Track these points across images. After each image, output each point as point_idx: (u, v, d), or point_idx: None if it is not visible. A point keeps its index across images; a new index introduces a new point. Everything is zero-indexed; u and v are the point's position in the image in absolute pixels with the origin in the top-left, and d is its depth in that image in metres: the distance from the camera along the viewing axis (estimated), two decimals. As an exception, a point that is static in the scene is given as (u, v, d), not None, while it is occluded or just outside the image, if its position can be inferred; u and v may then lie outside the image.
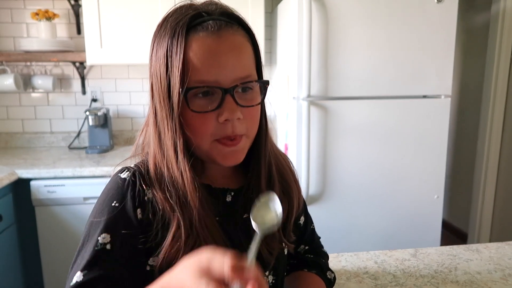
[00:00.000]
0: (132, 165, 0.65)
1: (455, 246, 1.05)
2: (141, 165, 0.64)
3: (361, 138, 1.88)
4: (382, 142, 1.90)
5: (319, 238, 0.86)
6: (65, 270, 1.83)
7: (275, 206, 0.58)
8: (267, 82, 0.62)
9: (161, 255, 0.58)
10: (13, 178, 1.74)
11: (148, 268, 0.60)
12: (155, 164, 0.62)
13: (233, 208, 0.67)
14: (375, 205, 1.94)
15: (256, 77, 0.62)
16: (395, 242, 1.96)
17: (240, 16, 0.62)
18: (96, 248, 0.56)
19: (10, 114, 2.33)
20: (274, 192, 0.61)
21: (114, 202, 0.59)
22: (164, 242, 0.58)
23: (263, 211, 0.58)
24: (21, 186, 1.79)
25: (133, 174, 0.61)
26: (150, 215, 0.59)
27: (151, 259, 0.60)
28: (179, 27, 0.56)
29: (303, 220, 0.80)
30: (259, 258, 0.66)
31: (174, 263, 0.57)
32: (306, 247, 0.82)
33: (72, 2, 2.22)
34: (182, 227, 0.58)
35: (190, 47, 0.56)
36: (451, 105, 1.94)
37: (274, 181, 0.68)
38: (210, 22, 0.57)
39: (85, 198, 1.82)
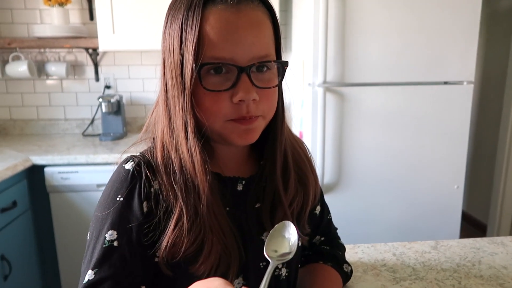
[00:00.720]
0: (138, 153, 0.62)
1: (478, 239, 1.00)
2: (146, 152, 0.61)
3: (378, 126, 1.82)
4: (401, 130, 1.84)
5: (336, 229, 0.82)
6: (79, 255, 1.84)
7: (290, 234, 0.56)
8: (286, 63, 0.58)
9: (163, 245, 0.55)
10: (27, 165, 1.75)
11: (156, 259, 0.58)
12: (162, 146, 0.58)
13: (244, 197, 0.64)
14: (392, 195, 1.89)
15: (274, 58, 0.58)
16: (413, 233, 1.91)
17: None
18: (104, 245, 0.55)
19: (25, 101, 2.34)
20: (289, 221, 0.57)
21: (119, 196, 0.57)
22: (166, 231, 0.55)
23: (276, 239, 0.56)
24: (36, 173, 1.80)
25: (138, 164, 0.58)
26: (156, 206, 0.57)
27: (157, 251, 0.57)
28: None
29: (319, 210, 0.76)
30: None
31: (178, 254, 0.55)
32: (322, 238, 0.79)
33: (85, -12, 2.19)
34: (185, 216, 0.55)
35: (207, 20, 0.52)
36: (473, 92, 1.86)
37: (289, 170, 0.64)
38: None
39: (98, 185, 1.82)
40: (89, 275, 0.54)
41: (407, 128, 1.84)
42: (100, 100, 2.15)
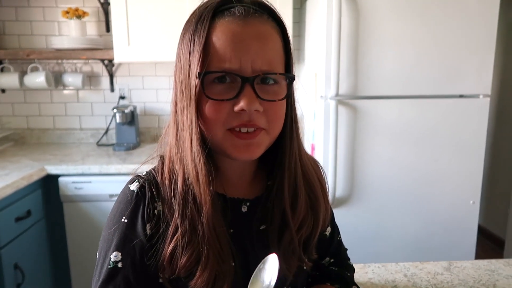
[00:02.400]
0: (144, 173, 0.62)
1: (493, 260, 0.97)
2: (154, 171, 0.61)
3: (392, 140, 1.80)
4: (415, 144, 1.81)
5: (346, 250, 0.80)
6: (91, 265, 1.85)
7: (271, 267, 0.55)
8: (292, 77, 0.57)
9: (162, 259, 0.56)
10: (42, 174, 1.78)
11: (160, 280, 0.58)
12: (169, 160, 0.59)
13: (249, 219, 0.63)
14: (406, 210, 1.85)
15: (282, 71, 0.57)
16: (426, 250, 1.86)
17: (272, 7, 0.57)
18: (109, 267, 0.57)
19: (42, 110, 2.39)
20: (274, 254, 0.56)
21: (124, 218, 0.58)
22: (162, 246, 0.56)
23: (257, 278, 0.55)
24: (50, 182, 1.83)
25: (142, 185, 0.59)
26: (158, 227, 0.57)
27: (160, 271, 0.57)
28: (206, 11, 0.54)
29: (329, 231, 0.74)
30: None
31: (177, 268, 0.56)
32: (332, 260, 0.77)
33: (102, 0, 2.24)
34: (181, 229, 0.55)
35: (214, 31, 0.53)
36: (490, 105, 1.82)
37: (299, 191, 0.62)
38: (238, 7, 0.54)
39: (111, 195, 1.83)
40: None
41: (422, 142, 1.81)
42: (115, 110, 2.18)
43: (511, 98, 2.88)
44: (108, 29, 2.31)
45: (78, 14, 2.16)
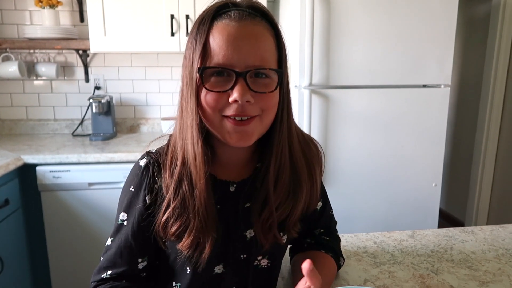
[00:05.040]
0: (154, 150, 0.72)
1: (451, 228, 1.09)
2: (160, 150, 0.71)
3: (361, 127, 1.91)
4: (382, 131, 1.93)
5: (336, 223, 0.89)
6: (69, 252, 1.88)
7: None
8: (281, 72, 0.64)
9: (156, 225, 0.67)
10: (19, 164, 1.77)
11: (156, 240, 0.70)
12: (174, 143, 0.68)
13: (236, 197, 0.71)
14: (374, 193, 1.98)
15: (274, 67, 0.64)
16: (394, 229, 2.00)
17: (265, 10, 0.65)
18: (118, 223, 0.72)
19: (14, 101, 2.35)
20: None
21: (132, 187, 0.70)
22: (159, 215, 0.67)
23: None
24: (27, 171, 1.82)
25: (148, 162, 0.70)
26: (156, 199, 0.68)
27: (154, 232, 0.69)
28: (207, 15, 0.63)
29: (320, 206, 0.82)
30: (254, 242, 0.71)
31: (168, 234, 0.66)
32: (322, 230, 0.85)
33: (76, -10, 2.23)
34: (174, 202, 0.65)
35: (212, 32, 0.61)
36: (450, 95, 1.97)
37: (283, 177, 0.68)
38: (234, 11, 0.62)
39: (90, 184, 1.85)
40: (108, 240, 0.72)
41: (388, 129, 1.93)
42: (91, 100, 2.18)
43: (469, 88, 3.08)
44: (82, 19, 2.30)
45: (52, 3, 2.14)
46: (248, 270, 0.74)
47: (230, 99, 0.61)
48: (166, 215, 0.65)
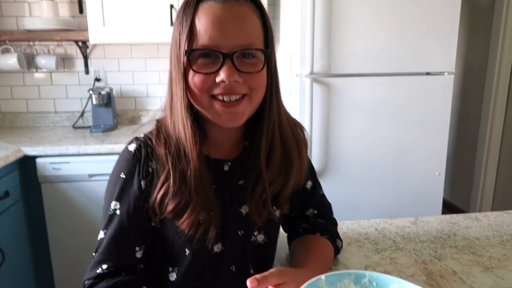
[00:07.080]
0: (142, 135, 0.70)
1: (454, 215, 1.07)
2: (150, 133, 0.70)
3: (364, 115, 1.89)
4: (385, 119, 1.90)
5: (330, 205, 0.88)
6: (71, 244, 1.87)
7: None
8: (267, 52, 0.64)
9: (151, 200, 0.66)
10: (19, 155, 1.76)
11: (152, 224, 0.69)
12: (165, 125, 0.68)
13: (230, 176, 0.71)
14: (377, 182, 1.96)
15: (260, 47, 0.64)
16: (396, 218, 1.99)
17: None
18: (109, 213, 0.68)
19: (14, 94, 2.34)
20: None
21: (122, 173, 0.68)
22: (154, 192, 0.65)
23: None
24: (27, 163, 1.81)
25: (139, 146, 0.68)
26: (151, 182, 0.66)
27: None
28: None
29: (310, 185, 0.82)
30: (250, 218, 0.71)
31: (165, 211, 0.65)
32: (315, 212, 0.84)
33: (74, -19, 2.20)
34: (171, 178, 0.64)
35: (198, 15, 0.61)
36: (454, 83, 1.94)
37: (275, 154, 0.70)
38: None
39: (90, 175, 1.84)
40: (100, 234, 0.69)
41: (391, 117, 1.91)
42: (91, 92, 2.16)
43: (474, 76, 3.04)
44: (81, 10, 2.28)
45: (50, -5, 2.12)
46: (246, 246, 0.73)
47: (217, 79, 0.61)
48: (162, 191, 0.65)
